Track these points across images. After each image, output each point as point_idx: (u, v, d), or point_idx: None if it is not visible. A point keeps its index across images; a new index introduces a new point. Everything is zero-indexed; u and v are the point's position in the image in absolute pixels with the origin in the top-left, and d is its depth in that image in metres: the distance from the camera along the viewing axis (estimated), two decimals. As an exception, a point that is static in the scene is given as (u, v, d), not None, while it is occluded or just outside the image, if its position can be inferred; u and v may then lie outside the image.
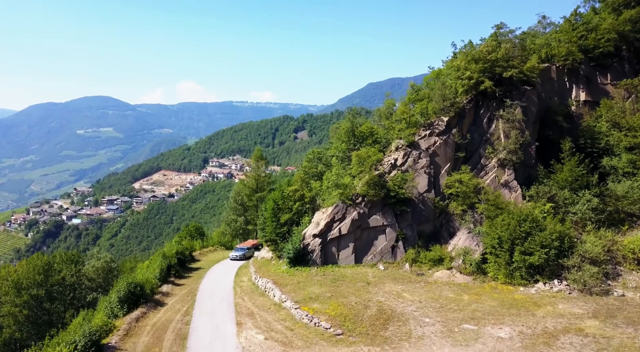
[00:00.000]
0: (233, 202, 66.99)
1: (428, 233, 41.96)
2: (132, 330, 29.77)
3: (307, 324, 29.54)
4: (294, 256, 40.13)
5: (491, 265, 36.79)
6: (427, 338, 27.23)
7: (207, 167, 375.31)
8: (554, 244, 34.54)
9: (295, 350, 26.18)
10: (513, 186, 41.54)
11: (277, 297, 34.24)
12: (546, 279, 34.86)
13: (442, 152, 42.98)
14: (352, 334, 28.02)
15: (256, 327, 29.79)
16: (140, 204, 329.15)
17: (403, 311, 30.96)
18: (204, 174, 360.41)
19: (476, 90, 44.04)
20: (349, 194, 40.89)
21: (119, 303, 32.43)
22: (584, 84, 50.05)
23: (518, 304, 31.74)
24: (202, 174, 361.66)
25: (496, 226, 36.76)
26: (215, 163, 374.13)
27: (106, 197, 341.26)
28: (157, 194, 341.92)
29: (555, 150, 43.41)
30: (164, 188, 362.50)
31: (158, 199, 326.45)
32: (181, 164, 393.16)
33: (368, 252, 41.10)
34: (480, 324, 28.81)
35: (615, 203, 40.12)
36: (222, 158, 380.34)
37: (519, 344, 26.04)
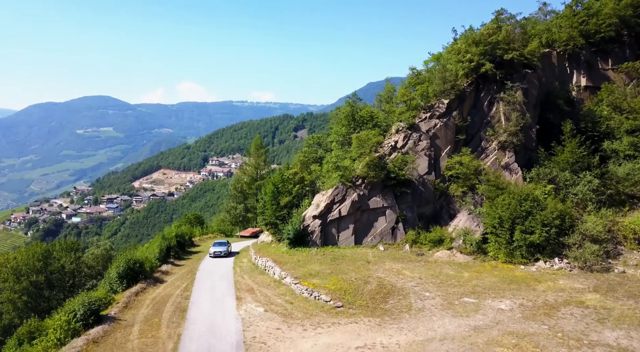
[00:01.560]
0: (233, 190, 66.83)
1: (428, 215, 41.84)
2: (132, 303, 29.64)
3: (307, 298, 29.41)
4: (293, 236, 40.01)
5: (492, 244, 36.65)
6: (427, 310, 27.11)
7: (207, 166, 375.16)
8: (554, 222, 34.41)
9: (295, 321, 26.05)
10: (514, 168, 41.41)
11: (277, 274, 34.12)
12: (547, 257, 34.70)
13: (442, 134, 42.87)
14: (352, 306, 27.90)
15: (256, 301, 29.67)
16: (140, 202, 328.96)
17: (403, 286, 30.84)
18: (204, 172, 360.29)
19: (477, 73, 43.96)
20: (349, 176, 40.78)
21: (118, 279, 32.31)
22: (585, 70, 49.98)
23: (518, 280, 31.62)
24: (202, 173, 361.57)
25: (497, 206, 36.64)
26: (215, 162, 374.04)
27: (106, 196, 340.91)
28: (157, 192, 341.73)
29: (556, 134, 43.31)
30: (163, 187, 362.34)
31: (158, 198, 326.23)
32: (181, 162, 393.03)
33: (368, 234, 40.98)
34: (481, 297, 28.69)
35: (616, 185, 40.01)
36: (221, 157, 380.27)
37: (519, 314, 25.92)
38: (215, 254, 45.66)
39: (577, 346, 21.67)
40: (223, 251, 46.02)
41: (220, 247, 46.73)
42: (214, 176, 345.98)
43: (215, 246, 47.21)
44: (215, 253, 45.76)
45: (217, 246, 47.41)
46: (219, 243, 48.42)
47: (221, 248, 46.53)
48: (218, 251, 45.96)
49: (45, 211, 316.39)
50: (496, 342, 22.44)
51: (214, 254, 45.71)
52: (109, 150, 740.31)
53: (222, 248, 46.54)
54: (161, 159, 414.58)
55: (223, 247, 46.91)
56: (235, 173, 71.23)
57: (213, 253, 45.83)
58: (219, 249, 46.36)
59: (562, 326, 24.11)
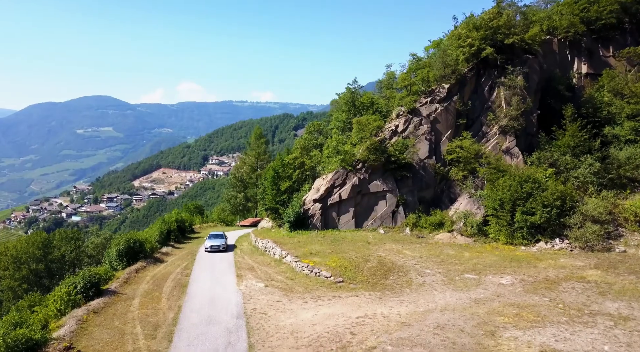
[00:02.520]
0: (233, 179, 66.77)
1: (429, 199, 41.79)
2: (132, 279, 29.58)
3: (307, 275, 29.38)
4: (294, 220, 39.95)
5: (492, 226, 36.59)
6: (427, 285, 27.07)
7: (206, 165, 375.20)
8: (555, 203, 34.37)
9: (296, 294, 26.00)
10: (514, 152, 41.36)
11: (277, 254, 34.08)
12: (547, 238, 34.65)
13: (443, 119, 42.84)
14: (353, 281, 27.85)
15: (256, 277, 29.63)
16: (140, 201, 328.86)
17: (404, 264, 30.80)
18: (204, 171, 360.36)
19: (477, 58, 43.93)
20: (350, 160, 40.73)
21: (118, 257, 32.25)
22: (586, 57, 49.97)
23: (519, 259, 31.59)
24: (202, 172, 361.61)
25: (497, 188, 36.61)
26: (215, 161, 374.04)
27: (106, 195, 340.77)
28: (157, 191, 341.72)
29: (557, 119, 43.22)
30: (163, 186, 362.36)
31: (158, 197, 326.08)
32: (181, 161, 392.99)
33: (368, 218, 40.92)
34: (481, 274, 28.66)
35: (617, 169, 39.95)
36: (221, 156, 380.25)
37: (520, 288, 25.89)
38: (213, 248, 38.51)
39: (578, 315, 21.63)
40: (221, 245, 38.88)
41: (217, 240, 39.60)
42: (214, 175, 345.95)
43: (212, 239, 40.06)
44: (213, 247, 38.57)
45: (213, 238, 40.28)
46: (215, 235, 41.31)
47: (218, 241, 39.44)
48: (215, 245, 38.70)
49: (45, 210, 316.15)
50: (497, 312, 22.39)
51: (210, 248, 38.57)
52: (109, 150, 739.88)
53: (220, 241, 39.52)
54: (161, 158, 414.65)
55: (221, 240, 39.84)
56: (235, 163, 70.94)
57: (210, 247, 38.66)
58: (216, 242, 39.25)
59: (563, 298, 24.07)
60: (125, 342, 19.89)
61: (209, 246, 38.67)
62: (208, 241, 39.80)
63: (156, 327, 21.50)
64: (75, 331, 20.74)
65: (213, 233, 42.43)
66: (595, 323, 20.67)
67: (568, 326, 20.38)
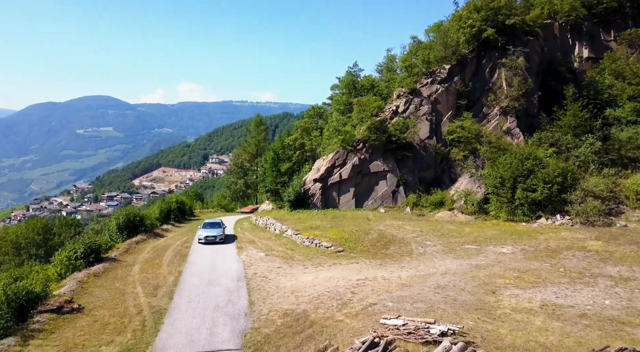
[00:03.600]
0: (233, 165, 66.62)
1: (429, 179, 41.74)
2: (132, 249, 29.53)
3: (308, 246, 29.35)
4: (294, 199, 39.91)
5: (493, 204, 36.56)
6: (428, 254, 27.04)
7: (206, 164, 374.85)
8: (556, 179, 34.35)
9: (296, 262, 25.96)
10: (515, 133, 41.34)
11: (278, 229, 34.03)
12: (548, 214, 34.62)
13: (443, 99, 42.81)
14: (353, 251, 27.82)
15: (257, 248, 29.59)
16: (140, 200, 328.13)
17: (404, 237, 30.76)
18: (204, 170, 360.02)
19: (478, 40, 43.92)
20: (350, 140, 40.70)
21: (118, 230, 32.15)
22: (587, 41, 49.92)
23: (520, 232, 31.58)
24: (202, 171, 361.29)
25: (498, 166, 36.59)
26: (215, 160, 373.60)
27: (106, 194, 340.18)
28: (157, 190, 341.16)
29: (558, 101, 43.16)
30: (163, 184, 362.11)
31: (158, 195, 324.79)
32: (181, 160, 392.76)
33: (369, 197, 40.89)
34: (482, 245, 28.64)
35: (618, 150, 39.89)
36: (221, 155, 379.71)
37: (521, 256, 25.86)
38: (208, 239, 31.57)
39: (579, 277, 21.59)
40: (218, 235, 31.89)
41: (213, 230, 32.49)
42: (214, 174, 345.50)
43: (206, 228, 32.94)
44: (208, 238, 31.58)
45: (208, 227, 33.18)
46: (211, 224, 34.04)
47: (214, 231, 32.34)
48: (211, 236, 31.74)
49: (45, 209, 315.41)
50: (498, 275, 22.35)
51: (205, 239, 31.56)
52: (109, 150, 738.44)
53: (217, 231, 32.40)
54: (161, 157, 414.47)
55: (217, 229, 32.75)
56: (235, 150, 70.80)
57: (204, 238, 31.60)
58: (212, 232, 32.22)
59: (564, 264, 24.04)
60: (126, 299, 19.85)
61: (204, 236, 31.50)
62: (202, 230, 32.48)
63: (156, 288, 21.46)
64: (75, 290, 20.70)
65: (208, 221, 34.96)
66: (596, 283, 20.64)
67: (569, 286, 20.35)
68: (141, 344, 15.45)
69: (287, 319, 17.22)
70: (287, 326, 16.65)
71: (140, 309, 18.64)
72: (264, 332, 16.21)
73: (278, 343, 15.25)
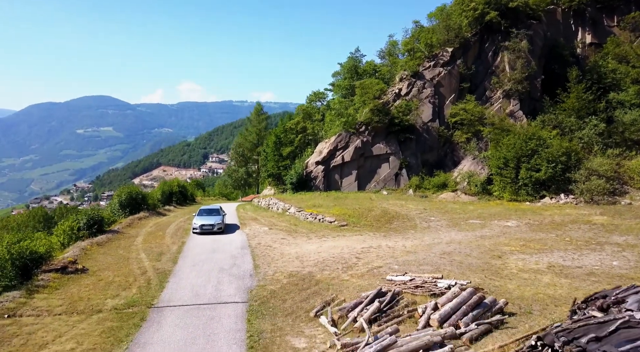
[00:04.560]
0: (234, 154, 66.34)
1: (432, 162, 41.59)
2: (135, 224, 29.38)
3: (311, 221, 29.22)
4: (296, 181, 39.76)
5: (496, 185, 36.44)
6: (432, 228, 26.90)
7: (207, 163, 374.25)
8: (560, 159, 34.25)
9: (300, 234, 25.82)
10: (518, 115, 41.22)
11: (281, 208, 33.90)
12: (552, 194, 34.50)
13: (446, 82, 42.67)
14: (357, 225, 27.71)
15: (260, 224, 29.46)
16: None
17: (407, 213, 30.64)
18: (204, 169, 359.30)
19: (481, 23, 43.78)
20: (353, 122, 40.54)
21: (120, 207, 31.94)
22: (590, 27, 49.78)
23: (524, 209, 31.50)
24: (202, 170, 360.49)
25: (502, 147, 36.45)
26: (215, 159, 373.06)
27: (106, 193, 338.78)
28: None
29: (561, 85, 43.01)
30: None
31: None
32: (181, 159, 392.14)
33: (371, 180, 40.75)
34: (487, 220, 28.50)
35: (621, 134, 39.76)
36: (221, 154, 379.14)
37: (526, 229, 25.73)
38: (204, 229, 25.91)
39: (586, 245, 21.46)
40: (216, 224, 26.19)
41: (210, 218, 26.77)
42: (214, 173, 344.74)
43: (203, 216, 27.16)
44: (204, 228, 25.90)
45: (205, 215, 27.43)
46: (208, 210, 28.45)
47: (212, 219, 26.60)
48: (208, 224, 26.05)
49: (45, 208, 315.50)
50: (503, 244, 22.23)
51: (200, 229, 25.89)
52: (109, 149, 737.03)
53: (215, 219, 26.67)
54: (161, 157, 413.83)
55: (215, 217, 27.02)
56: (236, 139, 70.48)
57: (200, 228, 25.89)
58: (209, 220, 26.45)
59: (570, 234, 23.92)
60: (130, 263, 19.72)
61: (199, 225, 25.89)
62: (197, 218, 26.67)
63: (160, 254, 21.34)
64: (79, 255, 20.55)
65: (205, 207, 29.64)
66: (603, 249, 20.52)
67: (575, 251, 20.23)
68: (147, 297, 15.32)
69: (292, 279, 17.10)
70: (293, 284, 16.53)
71: (144, 270, 18.51)
72: (270, 288, 16.09)
73: (284, 297, 15.12)
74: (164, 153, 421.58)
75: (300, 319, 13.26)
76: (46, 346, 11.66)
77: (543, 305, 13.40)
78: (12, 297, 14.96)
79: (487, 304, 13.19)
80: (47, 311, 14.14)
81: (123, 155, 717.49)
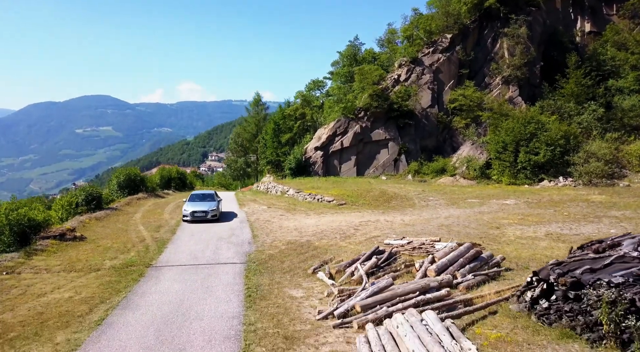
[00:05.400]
0: (233, 144, 66.19)
1: (431, 148, 41.60)
2: (134, 203, 29.38)
3: (310, 201, 29.27)
4: (295, 166, 39.75)
5: (495, 169, 36.46)
6: (431, 206, 26.93)
7: (206, 162, 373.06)
8: (559, 142, 34.27)
9: (298, 211, 25.86)
10: (517, 101, 41.21)
11: (280, 190, 33.94)
12: (551, 177, 34.50)
13: (445, 68, 42.69)
14: (355, 204, 27.72)
15: (259, 204, 29.49)
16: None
17: (406, 194, 30.66)
18: (203, 168, 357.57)
19: (480, 10, 43.75)
20: (352, 108, 40.54)
21: (119, 189, 31.90)
22: (589, 15, 49.78)
23: (523, 190, 31.51)
24: (201, 168, 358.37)
25: (500, 131, 36.47)
26: (215, 157, 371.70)
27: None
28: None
29: (561, 72, 42.93)
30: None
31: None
32: (180, 158, 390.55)
33: (370, 166, 40.76)
34: (485, 199, 28.51)
35: (621, 119, 39.76)
36: (221, 152, 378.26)
37: (524, 206, 25.73)
38: (196, 216, 22.42)
39: (583, 218, 21.46)
40: (210, 211, 22.72)
41: (203, 204, 23.32)
42: (213, 171, 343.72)
43: (194, 202, 23.71)
44: (196, 215, 22.44)
45: (198, 200, 24.01)
46: (202, 196, 25.03)
47: (205, 205, 23.17)
48: (200, 211, 22.57)
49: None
50: (501, 218, 22.25)
51: (192, 216, 22.40)
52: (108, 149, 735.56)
53: (208, 205, 23.22)
54: (160, 156, 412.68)
55: (209, 203, 23.57)
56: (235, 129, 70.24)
57: (190, 215, 22.41)
58: (202, 206, 22.97)
59: (568, 210, 23.92)
60: (129, 234, 19.75)
61: (190, 212, 22.45)
62: (188, 204, 23.19)
63: (159, 227, 21.37)
64: (77, 227, 20.55)
65: (197, 192, 26.40)
66: (600, 221, 20.54)
67: (574, 223, 20.27)
68: (145, 259, 15.36)
69: (290, 245, 17.15)
70: (292, 249, 16.57)
71: (143, 239, 18.54)
72: (268, 253, 16.13)
73: (283, 259, 15.17)
74: (163, 152, 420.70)
75: (298, 276, 13.30)
76: (44, 295, 11.68)
77: (540, 263, 13.42)
78: (11, 258, 14.99)
79: (484, 258, 13.22)
80: (46, 269, 14.16)
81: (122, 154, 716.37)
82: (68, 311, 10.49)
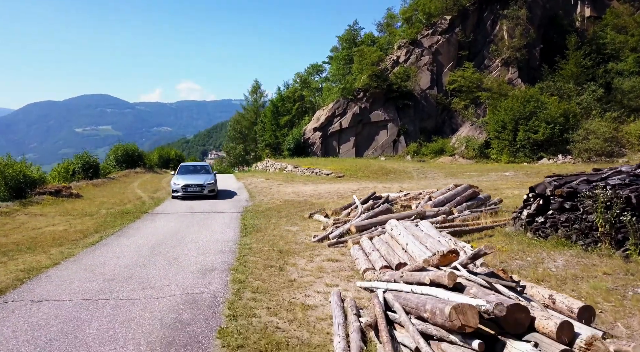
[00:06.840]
0: (232, 131, 65.86)
1: (430, 129, 41.49)
2: (131, 176, 29.31)
3: (308, 175, 29.23)
4: (294, 147, 39.66)
5: (494, 148, 36.30)
6: (429, 178, 26.86)
7: (205, 160, 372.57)
8: (558, 120, 34.13)
9: (296, 182, 25.78)
10: (517, 83, 41.08)
11: (278, 168, 33.87)
12: (550, 155, 34.37)
13: (445, 50, 42.58)
14: (354, 176, 27.66)
15: (257, 178, 29.42)
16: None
17: (404, 169, 30.60)
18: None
19: (479, -7, 43.64)
20: (351, 89, 40.43)
21: (117, 163, 31.74)
22: (589, 0, 49.62)
23: (521, 166, 31.43)
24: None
25: (500, 111, 36.35)
26: (214, 155, 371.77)
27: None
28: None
29: (561, 54, 42.81)
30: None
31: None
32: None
33: (369, 147, 40.68)
34: (484, 173, 28.41)
35: (620, 101, 39.62)
36: (220, 151, 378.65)
37: (523, 177, 25.65)
38: (189, 191, 18.50)
39: (583, 183, 21.31)
40: (206, 185, 18.86)
41: (196, 177, 19.63)
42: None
43: (185, 174, 20.18)
44: (188, 190, 18.50)
45: (191, 174, 20.50)
46: (192, 168, 21.59)
47: (199, 178, 19.45)
48: (194, 185, 18.69)
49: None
50: (501, 184, 22.16)
51: (183, 191, 18.45)
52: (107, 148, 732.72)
53: (203, 178, 19.49)
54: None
55: (204, 176, 20.04)
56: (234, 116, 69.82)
57: (182, 189, 18.46)
58: (195, 179, 19.16)
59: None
60: (126, 195, 19.69)
61: (181, 186, 18.51)
62: (178, 177, 19.39)
63: (156, 191, 21.35)
64: (74, 188, 20.47)
65: (187, 164, 23.39)
66: (600, 184, 20.39)
67: (573, 185, 20.13)
68: (142, 209, 15.28)
69: (288, 202, 17.09)
70: (289, 204, 16.52)
71: (139, 197, 18.52)
72: (265, 207, 16.07)
73: (280, 210, 15.12)
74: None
75: (295, 219, 13.26)
76: (39, 228, 11.63)
77: (538, 207, 13.34)
78: (6, 205, 14.92)
79: (482, 198, 13.19)
80: (41, 215, 14.09)
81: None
82: (62, 236, 10.45)
